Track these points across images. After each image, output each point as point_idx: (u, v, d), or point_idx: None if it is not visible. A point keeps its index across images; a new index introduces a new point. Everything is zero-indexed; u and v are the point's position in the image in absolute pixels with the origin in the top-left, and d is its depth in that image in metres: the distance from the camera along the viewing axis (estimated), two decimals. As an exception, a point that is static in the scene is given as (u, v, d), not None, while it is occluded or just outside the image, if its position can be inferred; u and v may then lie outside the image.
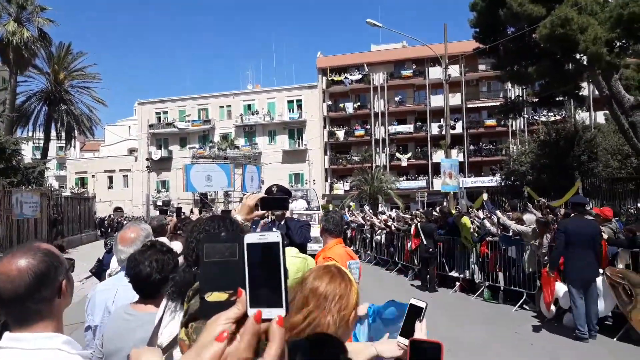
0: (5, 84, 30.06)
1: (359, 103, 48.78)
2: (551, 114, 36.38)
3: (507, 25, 20.24)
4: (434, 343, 1.29)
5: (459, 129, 42.98)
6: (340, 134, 48.46)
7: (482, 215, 13.35)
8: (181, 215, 6.91)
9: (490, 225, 11.00)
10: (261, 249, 0.83)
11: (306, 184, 44.82)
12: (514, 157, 27.37)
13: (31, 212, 18.03)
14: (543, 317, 8.59)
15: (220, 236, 0.93)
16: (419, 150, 46.80)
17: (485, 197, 12.29)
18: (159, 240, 2.87)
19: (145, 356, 1.43)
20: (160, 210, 30.57)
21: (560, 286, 8.34)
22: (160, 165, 51.66)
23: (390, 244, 16.33)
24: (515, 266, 10.04)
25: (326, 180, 48.04)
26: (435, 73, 42.29)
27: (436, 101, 44.05)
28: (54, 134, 35.55)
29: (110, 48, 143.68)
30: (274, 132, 50.58)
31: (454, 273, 12.25)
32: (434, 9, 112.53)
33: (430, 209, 13.29)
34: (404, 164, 46.24)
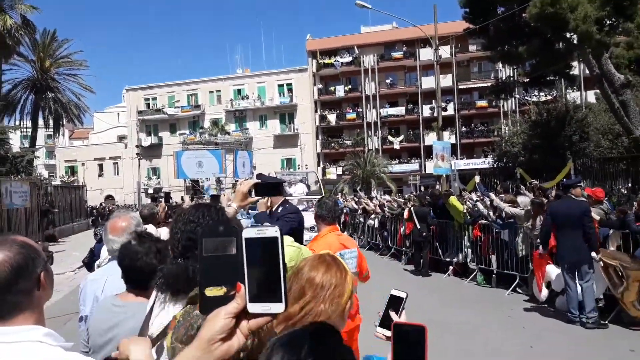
0: (-10, 72, 29.59)
1: (350, 86, 48.53)
2: (542, 94, 36.31)
3: (497, 5, 20.08)
4: (418, 326, 1.24)
5: (450, 111, 42.92)
6: (332, 117, 48.27)
7: (475, 197, 13.34)
8: (170, 200, 6.82)
9: (483, 207, 10.98)
10: (260, 244, 0.84)
11: (298, 168, 44.69)
12: (506, 138, 27.35)
13: (21, 202, 17.88)
14: (536, 301, 8.61)
15: (218, 230, 0.92)
16: (411, 132, 46.75)
17: (478, 180, 12.26)
18: (148, 231, 2.82)
19: (134, 345, 1.41)
20: (151, 198, 30.44)
21: (552, 269, 8.34)
22: (151, 152, 51.34)
23: (383, 228, 16.32)
24: (508, 249, 10.04)
25: (318, 165, 47.96)
26: (425, 54, 42.09)
27: (427, 83, 43.89)
28: (41, 122, 35.22)
29: (96, 34, 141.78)
30: (265, 117, 50.30)
31: (447, 258, 12.27)
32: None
33: (424, 193, 13.27)
34: (396, 146, 46.22)
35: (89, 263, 5.64)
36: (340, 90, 48.05)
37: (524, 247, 9.70)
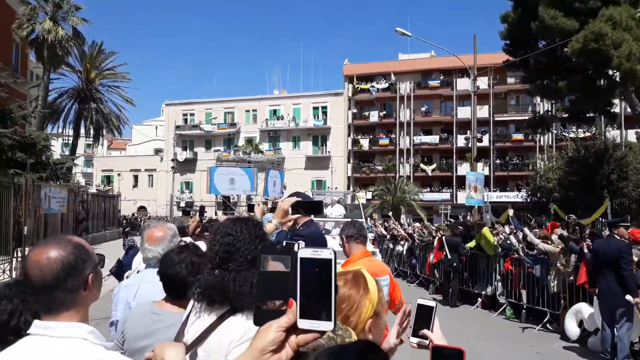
0: (38, 80, 30.73)
1: (385, 112, 48.61)
2: (580, 130, 35.71)
3: (539, 38, 19.99)
4: (456, 349, 1.27)
5: (485, 142, 42.48)
6: (365, 142, 48.33)
7: (508, 231, 13.10)
8: (204, 214, 6.92)
9: (515, 241, 10.78)
10: (314, 264, 0.89)
11: (328, 189, 44.70)
12: (541, 173, 26.83)
13: (58, 207, 18.32)
14: (567, 339, 8.37)
15: (275, 248, 0.99)
16: (444, 161, 46.37)
17: (511, 213, 12.06)
18: (193, 243, 2.89)
19: (170, 349, 1.47)
20: (182, 211, 30.87)
21: (585, 307, 8.12)
22: (185, 166, 52.20)
23: (412, 255, 16.16)
24: (539, 285, 9.81)
25: (348, 188, 47.90)
26: (463, 84, 41.94)
27: (463, 113, 43.64)
28: (83, 131, 36.20)
29: (140, 48, 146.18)
30: (298, 138, 50.71)
31: (476, 289, 12.05)
32: (463, 19, 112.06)
33: (456, 222, 13.14)
34: (428, 175, 45.86)
35: (117, 272, 5.76)
36: (374, 116, 48.15)
37: (556, 284, 9.47)
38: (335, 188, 45.21)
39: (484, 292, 11.69)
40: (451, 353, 1.28)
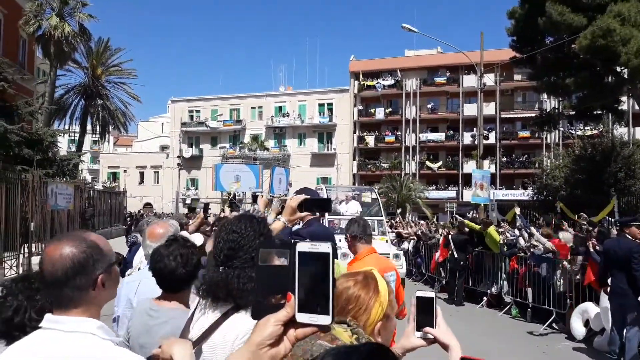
0: (45, 77, 30.88)
1: (390, 109, 48.48)
2: (588, 128, 35.48)
3: (546, 34, 19.85)
4: None
5: (491, 140, 42.27)
6: (370, 139, 48.25)
7: (517, 232, 12.94)
8: (208, 211, 6.92)
9: (525, 243, 10.66)
10: (312, 258, 0.89)
11: (334, 188, 44.62)
12: (548, 171, 26.70)
13: (65, 204, 18.39)
14: (572, 338, 8.33)
15: (274, 242, 1.05)
16: (450, 159, 46.22)
17: (518, 211, 11.99)
18: (182, 235, 2.88)
19: (178, 345, 1.49)
20: (188, 208, 30.92)
21: (591, 307, 8.07)
22: (191, 163, 52.31)
23: (417, 254, 16.13)
24: (545, 284, 9.76)
25: (354, 185, 47.87)
26: (469, 81, 41.74)
27: (469, 110, 43.45)
28: (89, 127, 36.34)
29: (146, 45, 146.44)
30: (304, 135, 50.69)
31: (481, 288, 12.01)
32: (470, 15, 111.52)
33: (461, 221, 13.09)
34: (434, 172, 45.73)
35: (120, 269, 5.77)
36: (380, 113, 48.06)
37: (562, 283, 9.41)
38: (341, 185, 45.16)
39: (489, 291, 11.65)
40: None
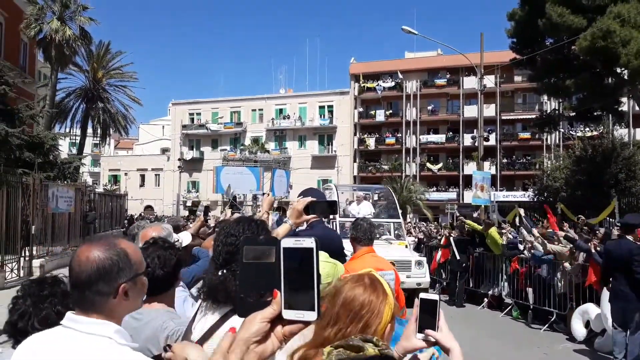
0: (46, 80, 30.91)
1: (391, 111, 48.50)
2: (588, 129, 35.48)
3: (546, 36, 19.85)
4: None
5: (492, 141, 42.17)
6: (371, 141, 48.25)
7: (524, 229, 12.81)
8: (208, 214, 6.92)
9: (530, 240, 10.54)
10: (297, 254, 0.88)
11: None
12: (548, 172, 26.68)
13: (66, 207, 18.38)
14: (573, 339, 8.33)
15: (258, 239, 0.98)
16: (450, 161, 46.22)
17: (523, 212, 12.00)
18: (161, 237, 2.86)
19: (191, 348, 1.51)
20: (189, 211, 30.99)
21: (592, 308, 8.07)
22: (192, 165, 52.34)
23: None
24: (546, 285, 9.75)
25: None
26: (469, 83, 41.78)
27: (470, 111, 43.47)
28: (90, 130, 36.37)
29: (146, 48, 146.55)
30: (304, 137, 50.71)
31: (482, 289, 12.01)
32: (470, 17, 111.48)
33: (462, 222, 13.10)
34: (434, 174, 45.72)
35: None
36: (380, 115, 48.08)
37: (563, 284, 9.41)
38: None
39: (490, 292, 11.65)
40: None
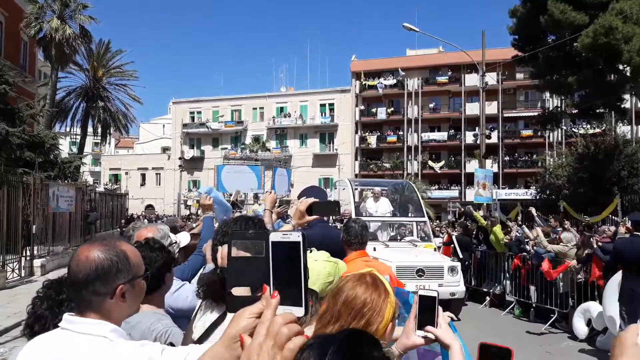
0: (46, 79, 30.91)
1: (392, 108, 48.41)
2: (590, 126, 35.39)
3: (548, 33, 19.80)
4: (505, 348, 1.28)
5: (494, 139, 42.13)
6: (372, 139, 48.19)
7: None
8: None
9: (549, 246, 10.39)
10: (285, 248, 0.86)
11: (335, 189, 44.57)
12: (550, 170, 26.60)
13: (66, 206, 18.38)
14: (575, 338, 8.27)
15: (247, 233, 0.98)
16: (452, 158, 46.14)
17: (534, 212, 12.00)
18: (154, 238, 2.82)
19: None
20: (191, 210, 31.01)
21: (594, 306, 8.00)
22: (193, 164, 52.33)
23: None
24: (547, 283, 9.68)
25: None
26: (471, 80, 41.67)
27: (471, 109, 43.34)
28: (90, 129, 36.37)
29: (146, 46, 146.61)
30: (305, 136, 50.68)
31: (484, 288, 11.95)
32: (471, 14, 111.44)
33: (464, 220, 13.09)
34: (436, 172, 45.64)
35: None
36: (382, 113, 48.00)
37: (564, 284, 9.31)
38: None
39: (492, 291, 11.59)
40: (499, 352, 1.21)
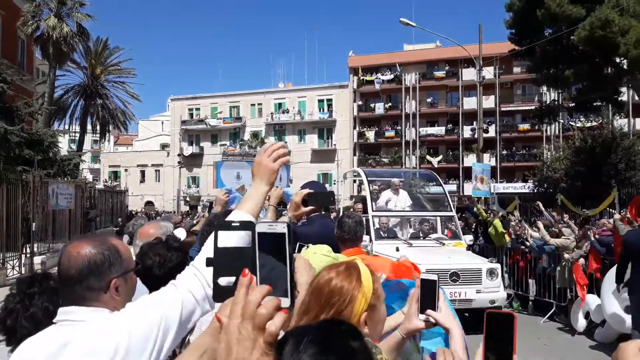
0: (44, 77, 30.87)
1: (390, 104, 48.42)
2: (587, 119, 35.44)
3: (545, 26, 19.80)
4: (508, 314, 1.34)
5: (491, 133, 42.23)
6: (370, 134, 48.23)
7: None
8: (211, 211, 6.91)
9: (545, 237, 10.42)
10: (270, 239, 0.87)
11: (334, 184, 44.63)
12: (548, 164, 26.66)
13: (66, 204, 18.39)
14: (573, 331, 8.35)
15: (232, 224, 0.97)
16: (450, 153, 46.20)
17: (541, 206, 12.06)
18: (174, 236, 2.86)
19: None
20: (190, 207, 31.03)
21: (592, 298, 8.07)
22: (192, 161, 52.33)
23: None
24: (546, 276, 9.76)
25: (354, 181, 47.84)
26: (468, 74, 41.63)
27: (469, 103, 43.39)
28: (89, 127, 36.37)
29: (144, 43, 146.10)
30: (304, 132, 50.70)
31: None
32: (468, 9, 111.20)
33: (473, 203, 13.12)
34: (434, 166, 45.67)
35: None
36: (380, 108, 48.02)
37: (563, 280, 9.33)
38: (342, 181, 45.03)
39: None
40: (503, 318, 1.35)
